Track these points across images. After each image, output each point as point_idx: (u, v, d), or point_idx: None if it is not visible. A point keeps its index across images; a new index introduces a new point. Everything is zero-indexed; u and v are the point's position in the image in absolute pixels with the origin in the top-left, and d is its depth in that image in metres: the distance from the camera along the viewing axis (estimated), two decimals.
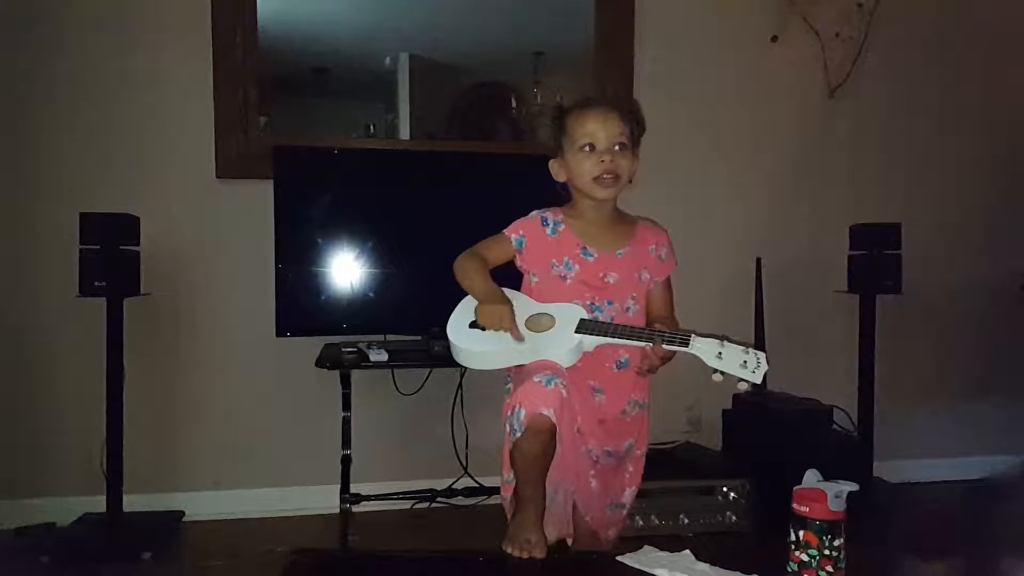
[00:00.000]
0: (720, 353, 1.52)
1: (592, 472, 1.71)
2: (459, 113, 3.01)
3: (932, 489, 3.01)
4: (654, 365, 1.62)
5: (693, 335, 1.56)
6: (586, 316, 1.65)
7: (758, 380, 1.50)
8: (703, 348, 1.54)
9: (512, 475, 1.58)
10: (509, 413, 1.54)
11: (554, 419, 1.50)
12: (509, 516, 1.60)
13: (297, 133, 2.80)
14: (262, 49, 2.68)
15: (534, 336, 1.63)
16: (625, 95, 2.86)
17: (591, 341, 1.62)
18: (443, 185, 2.60)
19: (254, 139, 2.68)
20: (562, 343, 1.61)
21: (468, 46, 3.01)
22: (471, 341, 1.67)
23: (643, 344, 1.60)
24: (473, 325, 1.69)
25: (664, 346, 1.57)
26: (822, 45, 3.04)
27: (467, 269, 1.73)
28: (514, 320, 1.63)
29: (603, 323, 1.66)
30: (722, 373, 1.51)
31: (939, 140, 3.21)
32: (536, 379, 1.53)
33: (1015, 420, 3.18)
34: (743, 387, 1.52)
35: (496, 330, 1.63)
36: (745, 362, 1.51)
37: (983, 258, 3.23)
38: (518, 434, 1.51)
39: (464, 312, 1.72)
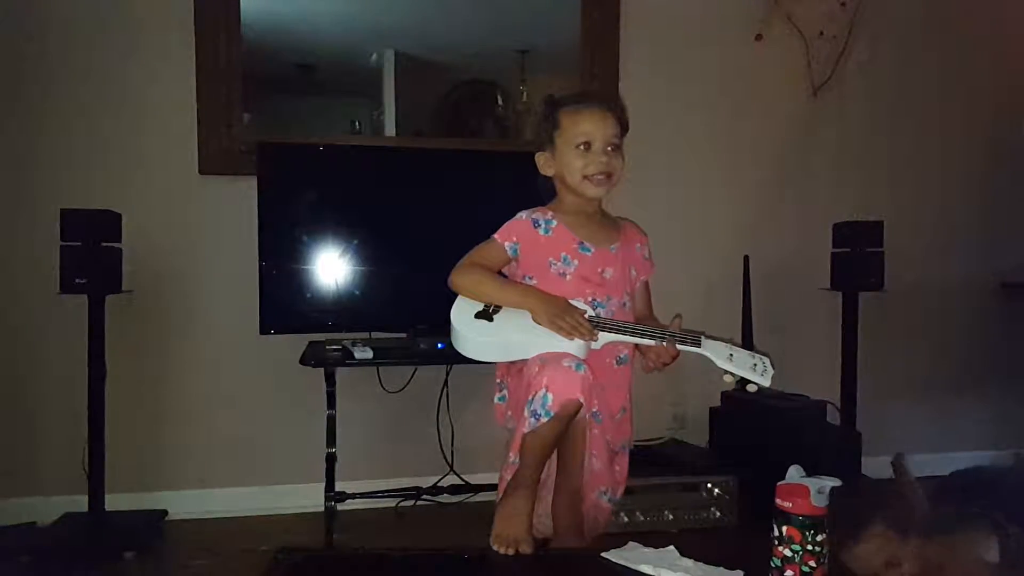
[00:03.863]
0: (731, 355, 1.56)
1: (593, 452, 1.70)
2: (445, 110, 3.00)
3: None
4: (665, 364, 1.65)
5: (703, 336, 1.59)
6: (591, 313, 1.66)
7: (767, 383, 1.55)
8: (714, 349, 1.57)
9: (517, 457, 1.57)
10: (531, 396, 1.53)
11: (585, 403, 1.53)
12: (499, 496, 1.61)
13: (282, 130, 2.79)
14: (246, 45, 2.67)
15: (545, 336, 1.61)
16: (611, 94, 2.87)
17: (602, 338, 1.63)
18: (429, 182, 2.60)
19: (238, 135, 2.66)
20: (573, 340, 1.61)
21: (454, 43, 3.00)
22: (477, 331, 1.66)
23: (653, 343, 1.62)
24: (479, 315, 1.68)
25: (677, 346, 1.59)
26: (806, 44, 3.06)
27: (481, 282, 1.71)
28: (588, 321, 1.62)
29: (613, 320, 1.67)
30: (732, 375, 1.55)
31: (922, 139, 3.23)
32: (565, 363, 1.53)
33: (996, 416, 3.22)
34: (752, 388, 1.56)
35: (572, 337, 1.59)
36: (755, 365, 1.56)
37: (965, 256, 3.27)
38: (543, 419, 1.51)
39: (468, 303, 1.72)
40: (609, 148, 1.71)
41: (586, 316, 1.64)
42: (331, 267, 2.49)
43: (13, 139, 2.55)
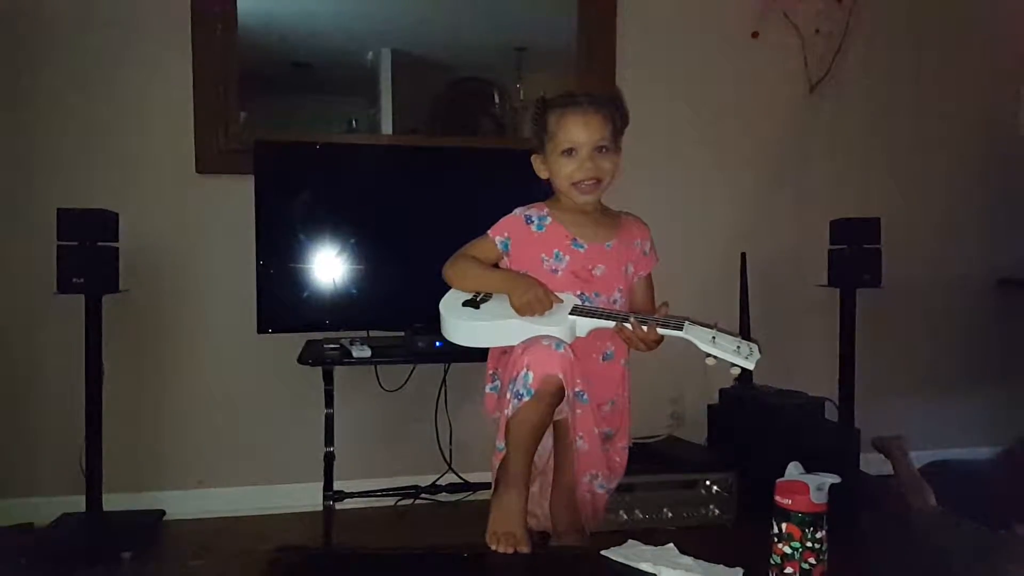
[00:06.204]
0: (714, 338, 1.53)
1: (580, 433, 1.69)
2: (442, 108, 3.00)
3: None
4: (637, 339, 1.60)
5: (687, 321, 1.57)
6: (579, 303, 1.67)
7: (751, 366, 1.51)
8: (697, 333, 1.55)
9: (503, 443, 1.57)
10: (515, 376, 1.53)
11: (564, 382, 1.52)
12: (493, 482, 1.61)
13: (279, 128, 2.78)
14: (243, 44, 2.66)
15: (528, 320, 1.63)
16: (603, 91, 2.86)
17: (584, 324, 1.63)
18: (426, 180, 2.59)
19: (235, 134, 2.65)
20: (556, 325, 1.61)
21: (451, 41, 3.00)
22: (462, 316, 1.68)
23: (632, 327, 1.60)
24: (466, 304, 1.70)
25: (658, 329, 1.57)
26: (802, 41, 3.06)
27: (466, 270, 1.74)
28: (550, 296, 1.64)
29: (596, 308, 1.67)
30: (716, 357, 1.51)
31: (919, 135, 3.24)
32: (545, 342, 1.54)
33: (993, 412, 3.23)
34: (735, 372, 1.52)
35: (540, 315, 1.62)
36: (738, 347, 1.52)
37: (962, 253, 3.27)
38: (525, 399, 1.51)
39: (459, 293, 1.74)
40: (599, 150, 1.69)
41: (571, 304, 1.64)
42: (329, 266, 2.48)
43: (9, 139, 2.54)
